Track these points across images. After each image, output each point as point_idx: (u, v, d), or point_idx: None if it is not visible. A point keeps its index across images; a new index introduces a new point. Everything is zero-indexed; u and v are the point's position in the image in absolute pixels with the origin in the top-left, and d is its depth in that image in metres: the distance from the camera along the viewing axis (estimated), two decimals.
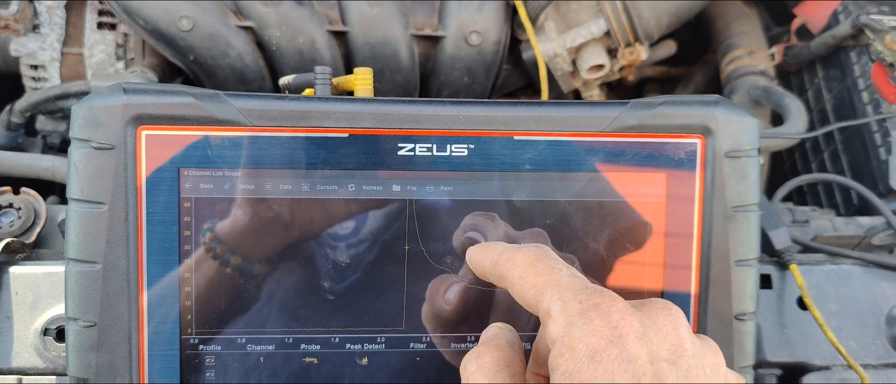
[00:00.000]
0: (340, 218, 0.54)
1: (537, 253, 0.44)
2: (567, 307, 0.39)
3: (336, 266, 0.54)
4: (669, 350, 0.38)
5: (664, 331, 0.39)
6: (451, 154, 0.54)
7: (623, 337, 0.37)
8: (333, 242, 0.54)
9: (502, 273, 0.44)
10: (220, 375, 0.54)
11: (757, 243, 0.57)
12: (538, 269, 0.42)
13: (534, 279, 0.42)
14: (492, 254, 0.46)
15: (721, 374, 0.40)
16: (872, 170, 0.93)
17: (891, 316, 0.75)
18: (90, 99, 0.52)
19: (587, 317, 0.38)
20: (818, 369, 0.73)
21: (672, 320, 0.40)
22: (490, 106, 0.55)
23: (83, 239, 0.52)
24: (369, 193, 0.54)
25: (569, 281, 0.41)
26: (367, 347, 0.55)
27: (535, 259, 0.43)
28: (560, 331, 0.38)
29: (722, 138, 0.56)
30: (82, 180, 0.51)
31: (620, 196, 0.56)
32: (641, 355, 0.37)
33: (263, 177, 0.53)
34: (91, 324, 0.52)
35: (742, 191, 0.57)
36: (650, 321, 0.39)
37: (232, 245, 0.53)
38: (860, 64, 0.96)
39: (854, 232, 0.84)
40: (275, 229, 0.53)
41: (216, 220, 0.53)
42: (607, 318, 0.38)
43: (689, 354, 0.39)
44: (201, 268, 0.53)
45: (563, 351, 0.38)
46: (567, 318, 0.38)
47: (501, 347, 0.43)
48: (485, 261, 0.47)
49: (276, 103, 0.53)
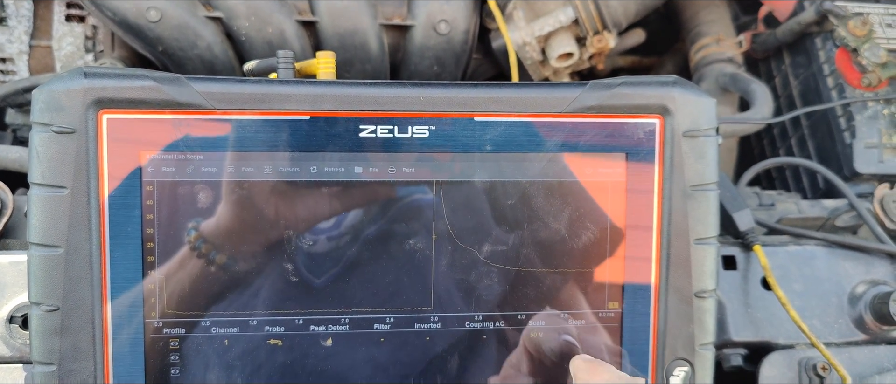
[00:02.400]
0: (303, 200, 0.54)
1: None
2: None
3: (299, 248, 0.54)
4: None
5: None
6: (412, 135, 0.55)
7: None
8: (296, 225, 0.54)
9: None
10: (184, 358, 0.54)
11: (716, 221, 0.58)
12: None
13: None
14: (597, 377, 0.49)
15: None
16: (838, 154, 0.94)
17: (853, 295, 0.76)
18: (51, 83, 0.52)
19: None
20: (782, 348, 0.74)
21: None
22: (450, 87, 0.55)
23: (45, 223, 0.52)
24: (331, 175, 0.54)
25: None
26: (331, 329, 0.55)
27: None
28: None
29: (680, 118, 0.57)
30: (43, 164, 0.51)
31: (580, 176, 0.56)
32: None
33: (225, 160, 0.53)
34: (54, 309, 0.52)
35: (701, 169, 0.57)
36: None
37: (195, 228, 0.53)
38: (825, 50, 0.97)
39: (818, 214, 0.85)
40: (237, 212, 0.53)
41: (179, 204, 0.53)
42: None
43: None
44: (165, 251, 0.53)
45: None
46: None
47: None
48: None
49: (237, 86, 0.53)
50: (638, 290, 0.58)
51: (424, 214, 0.55)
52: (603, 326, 0.58)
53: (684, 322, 0.58)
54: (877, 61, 0.92)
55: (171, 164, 0.53)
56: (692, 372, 0.58)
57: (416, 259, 0.55)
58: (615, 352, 0.58)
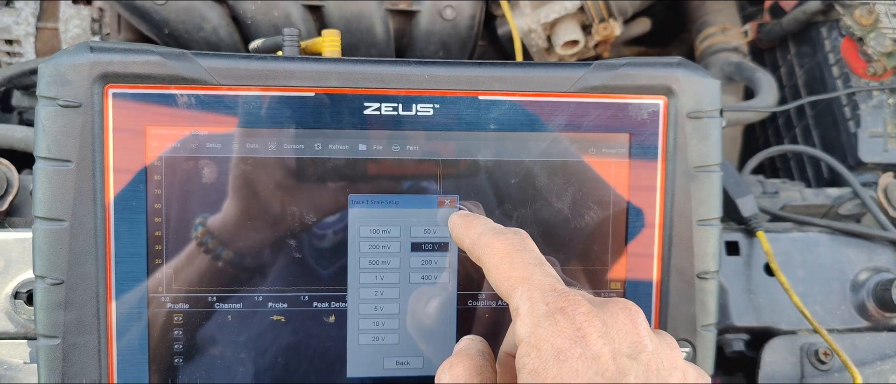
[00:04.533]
0: (308, 177, 0.54)
1: (516, 242, 0.45)
2: (534, 308, 0.40)
3: (303, 224, 0.54)
4: (630, 347, 0.40)
5: (625, 330, 0.41)
6: (416, 113, 0.55)
7: (586, 337, 0.39)
8: (299, 201, 0.54)
9: (479, 256, 0.46)
10: (188, 332, 0.54)
11: (719, 203, 0.58)
12: (513, 263, 0.43)
13: (508, 272, 0.43)
14: (473, 232, 0.47)
15: (679, 367, 0.42)
16: (842, 143, 0.94)
17: (856, 282, 0.76)
18: (57, 57, 0.52)
19: (553, 320, 0.39)
20: (784, 334, 0.74)
21: (631, 319, 0.41)
22: (455, 66, 0.55)
23: (50, 197, 0.52)
24: (335, 152, 0.54)
25: (540, 280, 0.42)
26: (333, 306, 0.56)
27: (512, 250, 0.44)
28: (527, 332, 0.40)
29: (684, 99, 0.57)
30: (49, 138, 0.52)
31: (584, 156, 0.56)
32: (604, 353, 0.39)
33: (230, 136, 0.53)
34: (58, 282, 0.52)
35: (704, 151, 0.57)
36: (612, 320, 0.41)
37: (200, 203, 0.53)
38: (830, 39, 0.97)
39: (822, 202, 0.85)
40: (242, 188, 0.54)
41: (183, 179, 0.53)
42: (572, 320, 0.39)
43: (648, 350, 0.40)
44: (170, 225, 0.53)
45: (529, 350, 0.39)
46: (534, 319, 0.40)
47: (472, 357, 0.44)
48: (464, 237, 0.48)
49: (242, 62, 0.53)
50: (640, 271, 0.58)
51: (428, 192, 0.55)
52: None
53: (686, 303, 0.58)
54: (882, 50, 0.92)
55: (176, 139, 0.53)
56: (694, 352, 0.58)
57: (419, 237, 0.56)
58: None
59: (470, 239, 0.47)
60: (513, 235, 0.46)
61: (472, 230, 0.47)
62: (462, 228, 0.49)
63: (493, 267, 0.44)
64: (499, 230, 0.46)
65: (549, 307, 0.40)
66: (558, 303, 0.40)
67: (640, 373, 0.39)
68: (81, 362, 0.53)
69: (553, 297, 0.41)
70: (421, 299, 0.56)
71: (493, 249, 0.45)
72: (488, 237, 0.46)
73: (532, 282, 0.42)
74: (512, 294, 0.42)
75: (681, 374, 0.41)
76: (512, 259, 0.44)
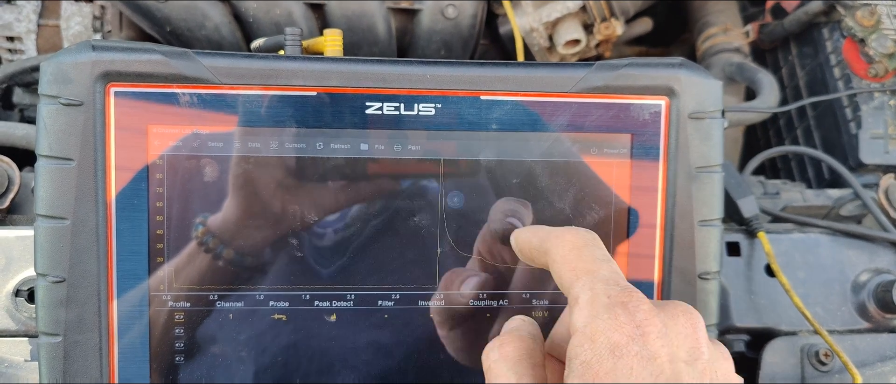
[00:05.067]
0: (310, 176, 0.54)
1: (587, 238, 0.45)
2: (595, 299, 0.40)
3: (304, 224, 0.54)
4: (688, 352, 0.40)
5: (684, 334, 0.40)
6: (418, 113, 0.55)
7: (646, 335, 0.38)
8: (301, 200, 0.54)
9: (548, 248, 0.45)
10: (189, 331, 0.54)
11: (720, 203, 0.58)
12: (581, 255, 0.43)
13: (575, 262, 0.43)
14: (541, 232, 0.47)
15: (732, 380, 0.42)
16: (843, 144, 0.94)
17: (857, 283, 0.76)
18: (59, 55, 0.52)
19: (613, 313, 0.39)
20: (785, 335, 0.74)
21: (692, 324, 0.41)
22: (457, 66, 0.55)
23: (52, 195, 0.52)
24: (337, 152, 0.54)
25: (606, 273, 0.42)
26: (335, 305, 0.56)
27: (582, 244, 0.44)
28: (584, 321, 0.39)
29: (686, 99, 0.57)
30: (51, 136, 0.52)
31: (585, 156, 0.56)
32: (661, 354, 0.38)
33: (231, 134, 0.53)
34: (60, 280, 0.52)
35: (706, 151, 0.57)
36: (672, 322, 0.40)
37: (201, 202, 0.53)
38: (832, 40, 0.97)
39: (823, 203, 0.85)
40: (244, 187, 0.54)
41: (185, 178, 0.53)
42: (632, 316, 0.39)
43: (705, 358, 0.40)
44: (172, 224, 0.53)
45: (583, 341, 0.39)
46: (593, 310, 0.39)
47: (523, 338, 0.44)
48: (533, 238, 0.47)
49: (244, 62, 0.53)
50: (642, 271, 0.58)
51: (430, 192, 0.55)
52: None
53: (687, 302, 0.58)
54: (884, 52, 0.92)
55: (178, 138, 0.53)
56: None
57: (421, 236, 0.56)
58: None
59: (538, 237, 0.47)
60: (585, 232, 0.45)
61: (540, 231, 0.47)
62: (529, 232, 0.48)
63: (561, 257, 0.44)
64: (568, 228, 0.46)
65: (610, 300, 0.39)
66: (620, 297, 0.40)
67: (695, 378, 0.39)
68: (83, 360, 0.53)
69: (616, 291, 0.40)
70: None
71: (563, 240, 0.44)
72: (560, 231, 0.45)
73: (597, 275, 0.41)
74: (574, 283, 0.42)
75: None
76: (581, 252, 0.43)
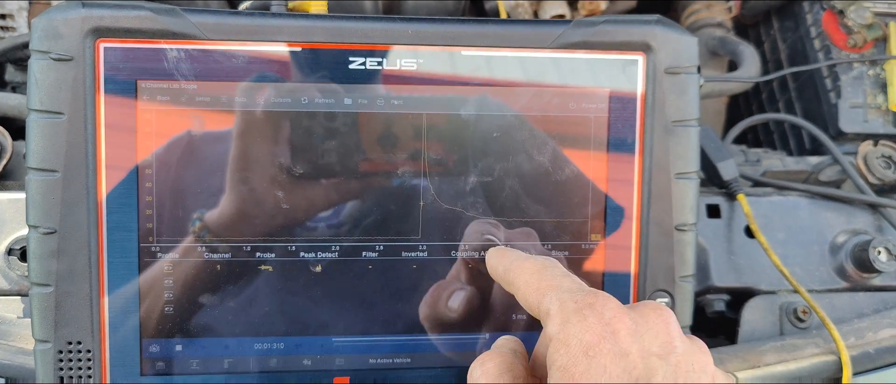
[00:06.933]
0: (294, 129, 0.55)
1: (545, 263, 0.47)
2: (564, 306, 0.42)
3: (289, 175, 0.56)
4: (660, 347, 0.41)
5: (655, 330, 0.42)
6: (400, 68, 0.56)
7: (616, 333, 0.40)
8: (286, 153, 0.56)
9: (511, 279, 0.48)
10: (177, 282, 0.55)
11: (696, 157, 0.60)
12: (542, 276, 0.45)
13: (537, 284, 0.45)
14: (506, 259, 0.50)
15: (709, 373, 0.42)
16: (824, 114, 0.95)
17: (835, 244, 0.78)
18: (49, 12, 0.53)
19: (582, 315, 0.40)
20: (764, 294, 0.75)
21: (664, 320, 0.42)
22: (438, 22, 0.57)
23: (43, 148, 0.53)
24: (321, 106, 0.55)
25: (568, 284, 0.44)
26: (320, 256, 0.57)
27: (541, 267, 0.46)
28: (556, 329, 0.41)
29: (662, 55, 0.58)
30: (42, 91, 0.53)
31: (565, 110, 0.58)
32: (633, 350, 0.40)
33: (218, 89, 0.54)
34: (51, 231, 0.53)
35: (682, 106, 0.59)
36: (642, 320, 0.42)
37: (189, 154, 0.55)
38: (812, 13, 0.99)
39: (803, 169, 0.87)
40: (231, 140, 0.55)
41: (173, 130, 0.54)
42: (600, 316, 0.40)
43: (679, 352, 0.41)
44: (160, 175, 0.55)
45: (559, 346, 0.40)
46: (563, 317, 0.41)
47: (504, 354, 0.46)
48: (498, 265, 0.50)
49: (230, 18, 0.55)
50: (620, 223, 0.59)
51: (412, 146, 0.57)
52: (586, 258, 0.59)
53: (665, 254, 0.60)
54: (863, 22, 0.93)
55: (166, 93, 0.54)
56: (672, 302, 0.60)
57: (404, 189, 0.57)
58: (597, 283, 0.59)
59: (503, 266, 0.49)
60: (543, 258, 0.48)
61: (505, 257, 0.50)
62: (497, 257, 0.51)
63: (523, 284, 0.46)
64: (529, 256, 0.49)
65: (577, 304, 0.41)
66: (587, 299, 0.41)
67: (669, 373, 0.40)
68: (74, 310, 0.54)
69: (582, 296, 0.42)
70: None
71: (523, 269, 0.47)
72: (520, 261, 0.48)
73: (561, 288, 0.43)
74: (541, 301, 0.44)
75: (710, 378, 0.42)
76: (541, 274, 0.46)
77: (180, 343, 0.56)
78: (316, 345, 0.58)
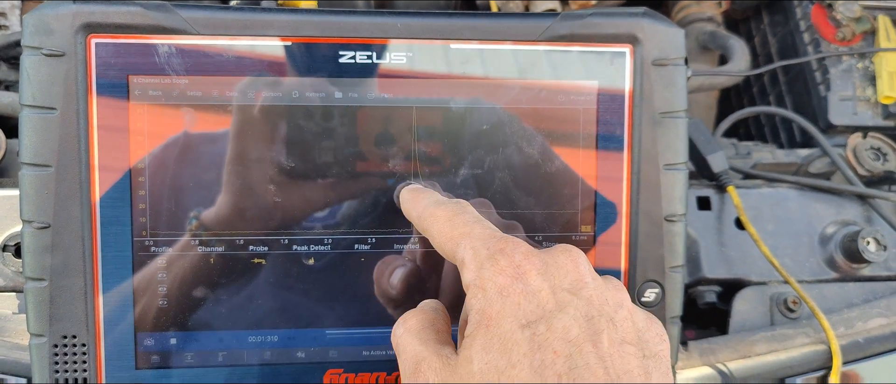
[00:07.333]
0: (286, 125, 0.56)
1: (456, 209, 0.48)
2: (477, 254, 0.43)
3: (281, 170, 0.56)
4: (571, 283, 0.43)
5: (565, 269, 0.43)
6: (390, 61, 0.57)
7: (526, 273, 0.42)
8: (280, 148, 0.56)
9: (425, 226, 0.49)
10: (170, 275, 0.56)
11: (685, 148, 0.60)
12: (454, 224, 0.47)
13: (450, 232, 0.47)
14: (419, 205, 0.51)
15: (626, 307, 0.43)
16: (814, 107, 0.96)
17: (824, 235, 0.78)
18: (41, 8, 0.54)
19: (494, 260, 0.42)
20: (755, 285, 0.76)
21: (573, 259, 0.44)
22: (427, 16, 0.57)
23: (36, 143, 0.53)
24: (312, 100, 0.56)
25: (480, 232, 0.45)
26: (313, 249, 0.57)
27: (453, 214, 0.48)
28: (472, 276, 0.43)
29: (649, 47, 0.59)
30: (34, 86, 0.53)
31: (553, 102, 0.58)
32: (544, 288, 0.41)
33: (210, 84, 0.55)
34: (45, 226, 0.54)
35: (669, 97, 0.59)
36: (552, 260, 0.43)
37: (182, 149, 0.55)
38: (802, 6, 0.99)
39: (792, 161, 0.88)
40: (223, 135, 0.55)
41: (164, 125, 0.55)
42: (511, 259, 0.42)
43: (590, 287, 0.43)
44: (154, 171, 0.55)
45: (476, 292, 0.42)
46: (477, 263, 0.43)
47: (425, 311, 0.48)
48: (411, 210, 0.52)
49: (221, 13, 0.55)
50: (610, 215, 0.60)
51: (403, 139, 0.57)
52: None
53: (655, 245, 0.60)
54: (851, 16, 0.94)
55: (157, 88, 0.54)
56: (662, 293, 0.60)
57: (396, 181, 0.57)
58: None
59: (416, 212, 0.51)
60: (454, 203, 0.49)
61: (418, 203, 0.51)
62: (410, 202, 0.53)
63: (437, 232, 0.47)
64: (442, 201, 0.50)
65: (489, 250, 0.43)
66: (498, 245, 0.43)
67: (581, 306, 0.41)
68: (68, 304, 0.54)
69: (493, 242, 0.44)
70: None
71: (436, 217, 0.48)
72: (432, 208, 0.49)
73: (473, 235, 0.45)
74: (456, 250, 0.45)
75: (626, 313, 0.43)
76: (453, 221, 0.47)
77: (175, 336, 0.57)
78: (309, 338, 0.58)
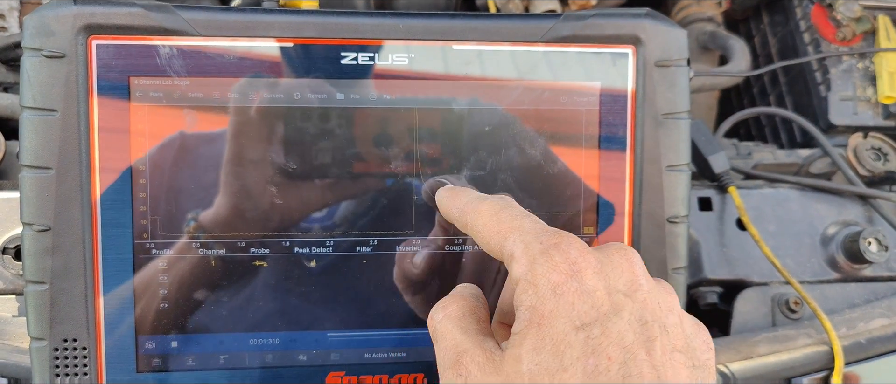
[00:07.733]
0: (285, 125, 0.56)
1: (501, 204, 0.47)
2: (529, 248, 0.41)
3: (283, 171, 0.56)
4: (626, 284, 0.41)
5: (620, 269, 0.42)
6: (392, 63, 0.56)
7: (581, 272, 0.40)
8: (281, 149, 0.56)
9: (467, 222, 0.47)
10: (171, 277, 0.55)
11: (687, 149, 0.60)
12: (501, 218, 0.45)
13: (497, 226, 0.45)
14: (459, 201, 0.49)
15: (675, 312, 0.42)
16: (814, 107, 0.96)
17: (825, 236, 0.78)
18: (41, 9, 0.53)
19: (548, 256, 0.40)
20: (757, 285, 0.76)
21: (628, 259, 0.43)
22: (429, 17, 0.57)
23: (37, 146, 0.53)
24: (313, 101, 0.56)
25: (530, 226, 0.44)
26: (314, 251, 0.57)
27: (498, 209, 0.46)
28: (523, 271, 0.41)
29: (652, 48, 0.59)
30: (34, 88, 0.53)
31: (556, 104, 0.58)
32: (599, 288, 0.40)
33: (211, 85, 0.55)
34: (45, 228, 0.53)
35: (672, 98, 0.59)
36: (607, 259, 0.42)
37: (183, 151, 0.55)
38: (802, 7, 0.99)
39: (793, 161, 0.88)
40: (223, 137, 0.55)
41: (165, 127, 0.54)
42: (566, 255, 0.40)
43: (644, 289, 0.41)
44: (154, 172, 0.55)
45: (526, 287, 0.40)
46: (530, 258, 0.41)
47: (465, 297, 0.46)
48: (452, 208, 0.50)
49: (222, 14, 0.55)
50: (612, 216, 0.60)
51: (404, 140, 0.57)
52: None
53: (657, 246, 0.60)
54: (851, 16, 0.94)
55: (158, 89, 0.54)
56: None
57: (397, 185, 0.57)
58: None
59: (457, 209, 0.49)
60: (498, 198, 0.47)
61: (458, 201, 0.49)
62: (449, 200, 0.51)
63: (482, 226, 0.46)
64: (484, 196, 0.48)
65: (543, 245, 0.41)
66: (552, 240, 0.41)
67: (636, 310, 0.40)
68: (69, 307, 0.54)
69: (546, 236, 0.42)
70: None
71: (480, 212, 0.46)
72: (475, 203, 0.47)
73: (523, 229, 0.43)
74: (504, 244, 0.43)
75: (677, 318, 0.42)
76: (499, 216, 0.45)
77: (176, 339, 0.56)
78: (311, 341, 0.58)
